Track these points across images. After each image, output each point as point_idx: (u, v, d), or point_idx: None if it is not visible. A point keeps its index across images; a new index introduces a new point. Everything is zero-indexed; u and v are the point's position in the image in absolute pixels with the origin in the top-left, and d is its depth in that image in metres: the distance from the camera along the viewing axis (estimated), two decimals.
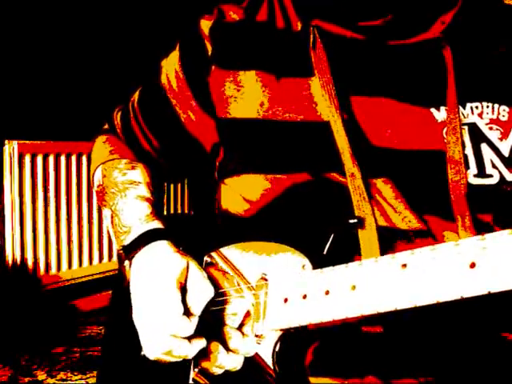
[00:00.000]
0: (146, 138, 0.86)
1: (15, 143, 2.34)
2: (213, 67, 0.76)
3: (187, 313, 0.64)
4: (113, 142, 0.89)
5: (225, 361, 0.67)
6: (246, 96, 0.74)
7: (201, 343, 0.65)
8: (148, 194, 0.79)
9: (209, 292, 0.66)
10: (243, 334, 0.67)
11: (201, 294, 0.66)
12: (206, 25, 0.79)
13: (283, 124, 0.71)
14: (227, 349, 0.67)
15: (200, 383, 0.69)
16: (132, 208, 0.76)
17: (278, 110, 0.72)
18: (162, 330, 0.63)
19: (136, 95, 0.89)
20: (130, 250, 0.72)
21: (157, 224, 0.74)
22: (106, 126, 0.94)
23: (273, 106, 0.72)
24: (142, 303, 0.66)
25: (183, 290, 0.66)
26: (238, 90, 0.74)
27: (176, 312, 0.63)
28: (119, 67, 2.71)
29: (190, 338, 0.64)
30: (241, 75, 0.75)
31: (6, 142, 2.35)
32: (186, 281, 0.67)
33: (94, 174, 0.87)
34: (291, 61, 0.73)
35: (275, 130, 0.71)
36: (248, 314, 0.68)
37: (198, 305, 0.65)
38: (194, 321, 0.64)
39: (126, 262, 0.72)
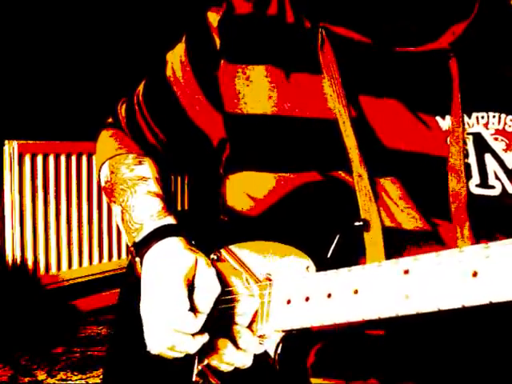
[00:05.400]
0: (152, 131, 0.86)
1: (15, 143, 2.34)
2: (222, 61, 0.76)
3: (194, 310, 0.64)
4: (118, 137, 0.89)
5: (234, 358, 0.66)
6: (255, 91, 0.73)
7: (203, 339, 0.65)
8: (158, 190, 0.78)
9: (215, 290, 0.66)
10: (253, 331, 0.67)
11: (207, 291, 0.65)
12: (213, 17, 0.78)
13: (291, 120, 0.71)
14: (237, 347, 0.66)
15: (209, 380, 0.70)
16: (143, 204, 0.76)
17: (287, 105, 0.72)
18: (167, 325, 0.63)
19: (140, 88, 0.88)
20: (141, 247, 0.72)
21: (169, 220, 0.73)
22: (111, 120, 0.93)
23: (281, 101, 0.72)
24: (150, 299, 0.66)
25: (191, 286, 0.66)
26: (247, 85, 0.74)
27: (182, 308, 0.63)
28: (119, 66, 2.71)
29: (193, 334, 0.64)
30: (250, 70, 0.74)
31: (6, 142, 2.35)
32: (194, 278, 0.67)
33: (100, 169, 0.86)
34: (301, 57, 0.73)
35: (283, 126, 0.71)
36: (257, 311, 0.68)
37: (204, 302, 0.65)
38: (201, 318, 0.64)
39: (137, 259, 0.72)
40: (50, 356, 2.16)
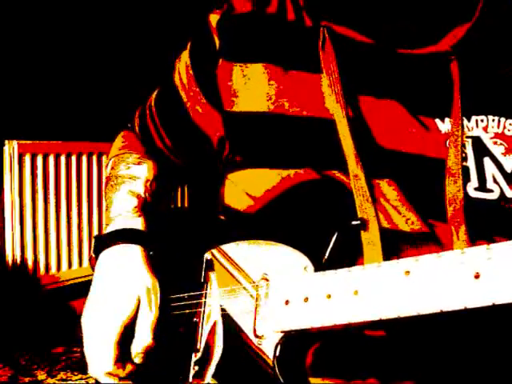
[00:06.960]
0: (159, 135, 0.88)
1: (15, 143, 2.34)
2: (220, 60, 0.77)
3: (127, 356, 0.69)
4: (128, 138, 0.92)
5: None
6: (253, 89, 0.74)
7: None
8: (141, 191, 0.80)
9: (146, 340, 0.68)
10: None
11: (139, 342, 0.69)
12: (214, 18, 0.79)
13: (288, 118, 0.71)
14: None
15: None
16: (120, 202, 0.78)
17: (285, 103, 0.72)
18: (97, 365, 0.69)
19: (153, 95, 0.91)
20: (100, 244, 0.74)
21: (137, 221, 0.75)
22: (129, 124, 0.97)
23: (279, 99, 0.72)
24: (88, 317, 0.69)
25: (130, 327, 0.69)
26: (245, 83, 0.74)
27: (110, 357, 0.67)
28: (119, 67, 2.71)
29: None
30: (248, 68, 0.75)
31: (6, 142, 2.35)
32: (134, 318, 0.69)
33: (106, 166, 0.90)
34: (300, 55, 0.73)
35: (280, 124, 0.72)
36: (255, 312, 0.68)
37: (135, 351, 0.69)
38: (128, 369, 0.69)
39: (93, 254, 0.74)
40: (50, 356, 2.16)
